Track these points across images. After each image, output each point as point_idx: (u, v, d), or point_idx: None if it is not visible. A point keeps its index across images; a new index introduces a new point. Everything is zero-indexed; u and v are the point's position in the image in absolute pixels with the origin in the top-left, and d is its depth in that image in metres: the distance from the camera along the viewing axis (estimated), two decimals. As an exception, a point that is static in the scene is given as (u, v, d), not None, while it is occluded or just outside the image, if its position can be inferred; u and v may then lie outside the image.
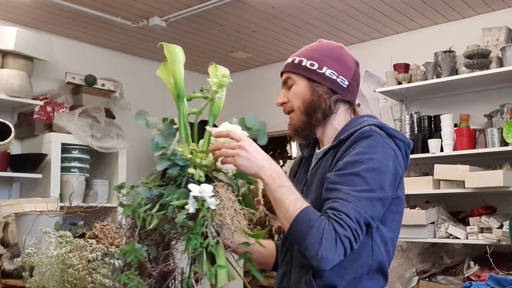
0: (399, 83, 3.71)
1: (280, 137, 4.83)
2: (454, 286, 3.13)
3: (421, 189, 3.44)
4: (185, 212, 1.11)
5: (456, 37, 3.74)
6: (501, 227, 3.08)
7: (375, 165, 1.27)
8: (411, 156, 3.31)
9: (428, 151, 3.50)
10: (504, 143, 3.23)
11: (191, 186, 1.12)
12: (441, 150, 3.46)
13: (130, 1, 3.47)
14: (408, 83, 3.66)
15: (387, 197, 1.29)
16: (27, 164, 3.53)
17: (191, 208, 1.10)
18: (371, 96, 4.08)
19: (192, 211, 1.10)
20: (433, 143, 3.47)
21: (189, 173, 1.18)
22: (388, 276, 1.40)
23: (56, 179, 3.60)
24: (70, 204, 2.55)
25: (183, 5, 3.54)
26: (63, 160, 3.67)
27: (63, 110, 3.82)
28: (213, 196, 1.12)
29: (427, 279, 3.28)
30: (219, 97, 1.29)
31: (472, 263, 3.19)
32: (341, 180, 1.26)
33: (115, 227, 2.06)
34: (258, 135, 1.32)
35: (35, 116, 3.71)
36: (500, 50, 3.33)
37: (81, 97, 3.92)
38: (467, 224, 3.24)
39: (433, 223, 3.35)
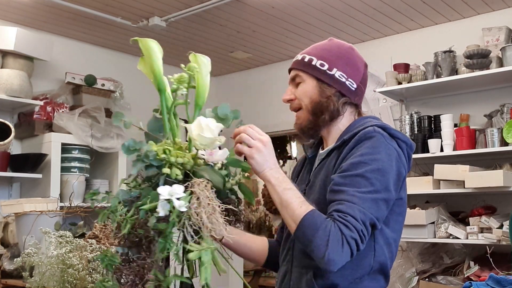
0: (399, 83, 3.71)
1: (280, 137, 4.84)
2: (454, 286, 3.13)
3: (421, 189, 3.44)
4: (156, 215, 1.06)
5: (456, 37, 3.74)
6: (501, 227, 3.08)
7: (379, 166, 1.27)
8: (411, 156, 3.30)
9: (428, 151, 3.50)
10: (504, 143, 3.23)
11: (160, 189, 1.07)
12: (441, 150, 3.45)
13: (130, 1, 3.47)
14: (408, 83, 3.66)
15: (391, 197, 1.29)
16: (27, 164, 3.53)
17: (161, 211, 1.06)
18: (371, 96, 4.08)
19: (163, 214, 1.06)
20: (433, 143, 3.47)
21: (163, 173, 1.14)
22: (389, 277, 1.39)
23: (56, 179, 3.59)
24: (70, 204, 2.55)
25: (183, 5, 3.53)
26: (63, 160, 3.67)
27: (63, 110, 3.81)
28: (185, 197, 1.07)
29: (427, 279, 3.28)
30: (182, 93, 1.22)
31: (472, 263, 3.19)
32: (346, 182, 1.26)
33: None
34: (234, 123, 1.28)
35: (35, 116, 3.70)
36: (500, 50, 3.33)
37: (81, 97, 3.92)
38: (467, 224, 3.24)
39: (433, 223, 3.35)
